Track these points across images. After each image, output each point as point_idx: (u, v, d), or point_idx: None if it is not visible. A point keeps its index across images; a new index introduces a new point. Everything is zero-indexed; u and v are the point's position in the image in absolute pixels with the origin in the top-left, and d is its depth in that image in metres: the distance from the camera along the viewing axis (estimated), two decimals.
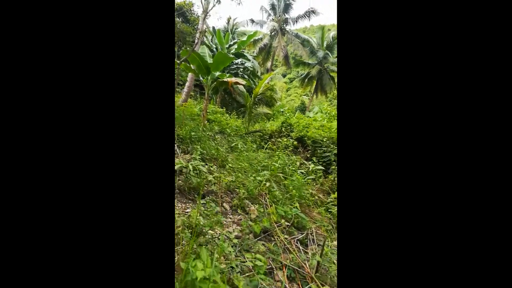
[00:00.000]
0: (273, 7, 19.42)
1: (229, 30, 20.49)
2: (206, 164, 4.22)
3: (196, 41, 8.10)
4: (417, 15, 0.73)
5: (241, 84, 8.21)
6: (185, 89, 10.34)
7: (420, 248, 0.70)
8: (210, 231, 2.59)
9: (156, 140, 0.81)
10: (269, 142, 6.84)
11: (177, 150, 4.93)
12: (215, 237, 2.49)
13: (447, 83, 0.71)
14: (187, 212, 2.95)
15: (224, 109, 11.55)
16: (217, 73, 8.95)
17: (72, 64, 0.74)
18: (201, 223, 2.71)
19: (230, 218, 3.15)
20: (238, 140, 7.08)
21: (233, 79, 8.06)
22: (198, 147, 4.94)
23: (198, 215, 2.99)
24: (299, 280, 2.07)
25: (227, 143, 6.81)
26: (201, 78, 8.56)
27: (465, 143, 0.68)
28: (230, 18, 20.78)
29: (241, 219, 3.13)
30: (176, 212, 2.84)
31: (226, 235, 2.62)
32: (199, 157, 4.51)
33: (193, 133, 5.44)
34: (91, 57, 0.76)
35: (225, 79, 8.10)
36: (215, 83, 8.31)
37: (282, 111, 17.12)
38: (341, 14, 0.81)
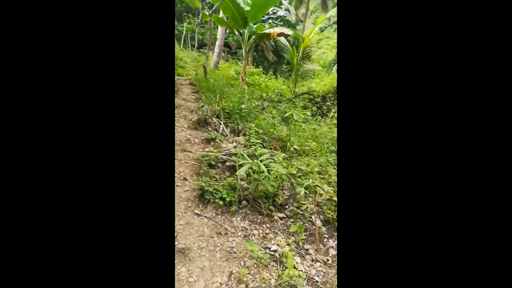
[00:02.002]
0: None
1: None
2: (272, 153, 2.93)
3: None
4: (418, 15, 0.71)
5: (287, 36, 6.40)
6: (216, 49, 8.68)
7: (420, 248, 0.68)
8: None
9: (156, 138, 0.77)
10: (333, 111, 5.27)
11: (225, 130, 3.68)
12: None
13: (448, 83, 0.69)
14: (273, 249, 1.77)
15: (261, 69, 9.82)
16: (254, 25, 7.14)
17: (71, 63, 0.72)
18: (299, 276, 1.53)
19: (334, 248, 1.94)
20: (290, 109, 5.63)
21: (277, 30, 6.25)
22: (253, 125, 3.62)
23: (289, 250, 1.81)
24: None
25: (277, 112, 5.40)
26: (236, 32, 6.84)
27: (465, 143, 0.67)
28: None
29: None
30: (256, 243, 1.67)
31: None
32: (258, 140, 3.23)
33: (242, 106, 4.08)
34: (90, 57, 0.73)
35: (265, 31, 6.33)
36: (253, 37, 6.57)
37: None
38: (341, 14, 0.80)
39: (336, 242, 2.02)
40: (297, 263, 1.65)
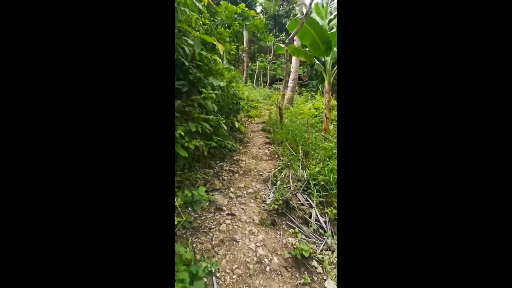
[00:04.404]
0: None
1: (325, 4, 16.21)
2: None
3: (309, 5, 4.91)
4: (418, 15, 0.68)
5: None
6: (290, 83, 7.41)
7: (420, 248, 0.65)
8: None
9: (156, 140, 0.75)
10: None
11: (325, 225, 1.98)
12: None
13: (448, 83, 0.66)
14: None
15: None
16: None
17: (72, 64, 0.69)
18: None
19: None
20: None
21: None
22: None
23: None
24: None
25: None
26: (316, 61, 5.36)
27: (465, 143, 0.64)
28: None
29: None
30: None
31: None
32: None
33: None
34: (90, 58, 0.70)
35: None
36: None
37: None
38: (341, 14, 0.77)
39: None
40: None
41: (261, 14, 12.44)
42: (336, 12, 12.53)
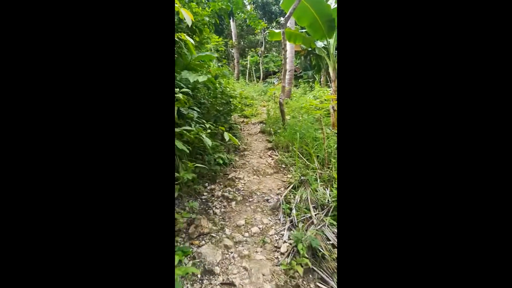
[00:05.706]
0: None
1: None
2: None
3: None
4: (418, 14, 0.66)
5: None
6: (287, 76, 6.58)
7: (421, 248, 0.62)
8: None
9: (156, 140, 0.72)
10: None
11: None
12: None
13: (448, 82, 0.64)
14: None
15: None
16: None
17: (71, 64, 0.67)
18: None
19: None
20: None
21: None
22: None
23: None
24: None
25: None
26: (317, 46, 4.54)
27: (465, 143, 0.62)
28: None
29: None
30: None
31: None
32: None
33: None
34: (90, 57, 0.68)
35: None
36: None
37: None
38: (341, 14, 0.74)
39: None
40: None
41: (248, 6, 11.51)
42: None
